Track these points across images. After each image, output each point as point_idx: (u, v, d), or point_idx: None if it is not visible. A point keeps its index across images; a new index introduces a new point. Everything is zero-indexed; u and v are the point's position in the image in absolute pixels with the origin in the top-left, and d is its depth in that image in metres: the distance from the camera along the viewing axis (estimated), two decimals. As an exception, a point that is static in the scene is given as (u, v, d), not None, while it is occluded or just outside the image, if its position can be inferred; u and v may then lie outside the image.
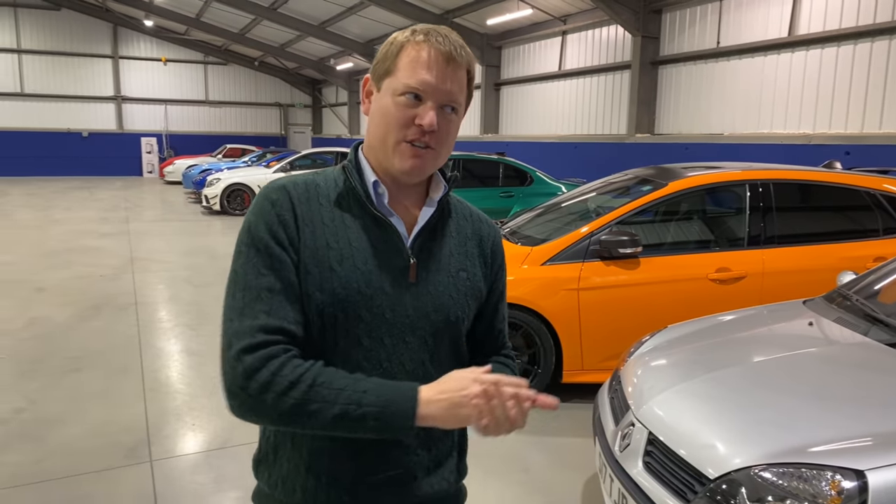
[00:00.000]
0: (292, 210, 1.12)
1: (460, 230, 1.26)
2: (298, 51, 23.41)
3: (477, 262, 1.26)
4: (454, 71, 1.14)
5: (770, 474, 1.87)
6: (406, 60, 1.13)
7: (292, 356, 1.06)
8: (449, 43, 1.13)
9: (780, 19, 9.46)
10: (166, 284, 7.44)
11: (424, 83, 1.11)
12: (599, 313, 4.00)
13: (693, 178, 4.30)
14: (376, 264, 1.14)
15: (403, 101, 1.12)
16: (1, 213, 13.53)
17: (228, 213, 13.73)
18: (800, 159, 8.30)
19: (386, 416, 1.04)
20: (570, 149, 13.38)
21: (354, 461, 1.14)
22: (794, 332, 2.85)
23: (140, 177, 25.67)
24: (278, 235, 1.10)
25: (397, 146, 1.13)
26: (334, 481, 1.15)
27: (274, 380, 1.03)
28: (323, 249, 1.11)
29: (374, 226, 1.16)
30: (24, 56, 23.95)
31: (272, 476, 1.19)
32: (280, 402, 1.03)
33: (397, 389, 1.06)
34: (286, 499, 1.17)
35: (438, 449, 1.22)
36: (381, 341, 1.13)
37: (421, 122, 1.11)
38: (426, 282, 1.17)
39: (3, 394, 4.23)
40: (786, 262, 4.12)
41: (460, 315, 1.21)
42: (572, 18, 13.41)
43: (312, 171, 1.23)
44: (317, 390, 1.03)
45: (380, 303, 1.13)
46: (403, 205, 1.20)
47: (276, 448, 1.19)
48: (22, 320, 5.88)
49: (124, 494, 3.08)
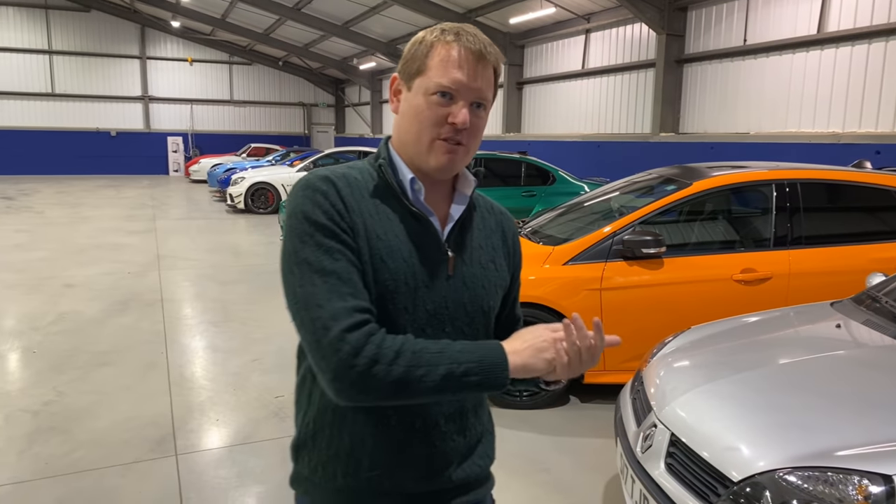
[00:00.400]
0: (341, 199, 1.14)
1: (485, 223, 1.31)
2: (322, 50, 23.57)
3: (501, 254, 1.32)
4: (484, 69, 1.17)
5: (795, 478, 1.84)
6: (437, 60, 1.15)
7: (385, 331, 1.11)
8: (479, 41, 1.16)
9: (808, 16, 9.29)
10: (191, 281, 7.54)
11: (456, 82, 1.14)
12: (622, 314, 3.97)
13: (718, 178, 4.25)
14: (418, 259, 1.18)
15: (436, 99, 1.15)
16: (33, 210, 13.84)
17: (253, 211, 13.87)
18: (829, 159, 8.15)
19: (485, 370, 1.10)
20: (593, 148, 13.29)
21: (393, 447, 1.19)
22: (822, 334, 2.80)
23: (166, 175, 26.06)
24: (338, 222, 1.12)
25: (432, 144, 1.16)
26: (374, 466, 1.19)
27: (380, 352, 1.06)
28: (374, 240, 1.14)
29: (412, 221, 1.19)
30: (54, 57, 24.46)
31: (312, 461, 1.23)
32: (389, 372, 1.06)
33: (485, 346, 1.13)
34: (326, 483, 1.21)
35: (472, 434, 1.27)
36: (422, 331, 1.18)
37: (454, 121, 1.15)
38: (462, 274, 1.22)
39: (34, 387, 4.33)
40: (813, 263, 4.05)
41: (492, 305, 1.28)
42: (596, 17, 13.32)
43: (345, 164, 1.24)
44: (420, 355, 1.08)
45: (422, 295, 1.17)
46: (434, 200, 1.24)
47: (315, 435, 1.22)
48: (52, 315, 6.01)
49: (150, 487, 3.14)
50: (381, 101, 24.73)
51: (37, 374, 4.55)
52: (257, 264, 8.65)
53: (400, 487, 1.20)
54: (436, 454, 1.22)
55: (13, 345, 5.19)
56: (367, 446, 1.18)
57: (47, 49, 24.29)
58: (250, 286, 7.35)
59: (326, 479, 1.21)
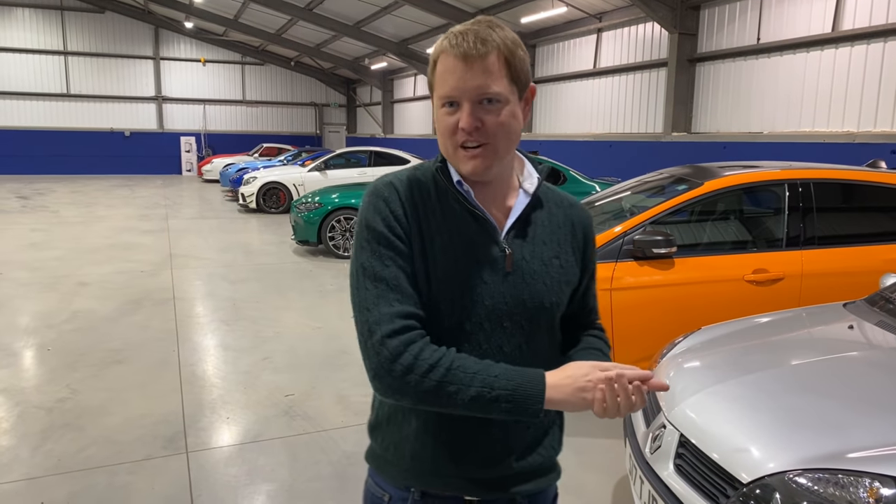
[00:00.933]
0: (402, 205, 1.21)
1: (552, 218, 1.31)
2: (333, 51, 23.65)
3: (569, 248, 1.31)
4: (479, 63, 1.15)
5: (805, 480, 1.83)
6: (439, 72, 1.18)
7: (428, 341, 1.16)
8: (466, 41, 1.15)
9: (823, 15, 9.21)
10: (203, 281, 7.60)
11: (451, 90, 1.16)
12: (632, 314, 3.96)
13: (730, 178, 4.22)
14: (476, 256, 1.21)
15: (445, 110, 1.18)
16: (48, 210, 13.98)
17: (264, 210, 13.94)
18: (843, 158, 8.07)
19: (517, 399, 1.12)
20: (604, 148, 13.24)
21: (461, 434, 1.23)
22: (834, 335, 2.78)
23: (179, 175, 26.25)
24: (395, 229, 1.19)
25: (455, 153, 1.20)
26: (441, 451, 1.24)
27: (416, 363, 1.12)
28: (430, 241, 1.20)
29: (471, 219, 1.23)
30: (70, 58, 24.71)
31: (385, 441, 1.29)
32: (422, 383, 1.12)
33: (525, 375, 1.14)
34: (396, 462, 1.28)
35: (538, 425, 1.29)
36: (480, 326, 1.21)
37: (463, 126, 1.16)
38: (521, 271, 1.24)
39: (48, 384, 4.38)
40: (826, 263, 4.01)
41: (554, 301, 1.27)
42: (608, 16, 13.26)
43: (412, 166, 1.30)
44: (454, 373, 1.12)
45: (480, 291, 1.20)
46: (495, 198, 1.27)
47: (389, 417, 1.29)
48: (66, 313, 6.07)
49: (161, 484, 3.16)
50: (392, 101, 24.77)
51: (51, 372, 4.60)
52: (269, 263, 8.70)
53: (463, 472, 1.25)
54: (499, 443, 1.25)
55: (28, 342, 5.25)
56: (433, 432, 1.23)
57: (62, 50, 24.55)
58: (261, 285, 7.39)
59: (397, 458, 1.27)
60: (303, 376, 4.60)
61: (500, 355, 1.22)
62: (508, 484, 1.28)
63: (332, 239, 9.21)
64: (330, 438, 3.66)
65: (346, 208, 9.20)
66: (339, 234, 9.22)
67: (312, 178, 13.56)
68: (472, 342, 1.21)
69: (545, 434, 1.32)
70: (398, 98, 24.31)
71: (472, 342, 1.21)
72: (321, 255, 9.36)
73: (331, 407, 4.05)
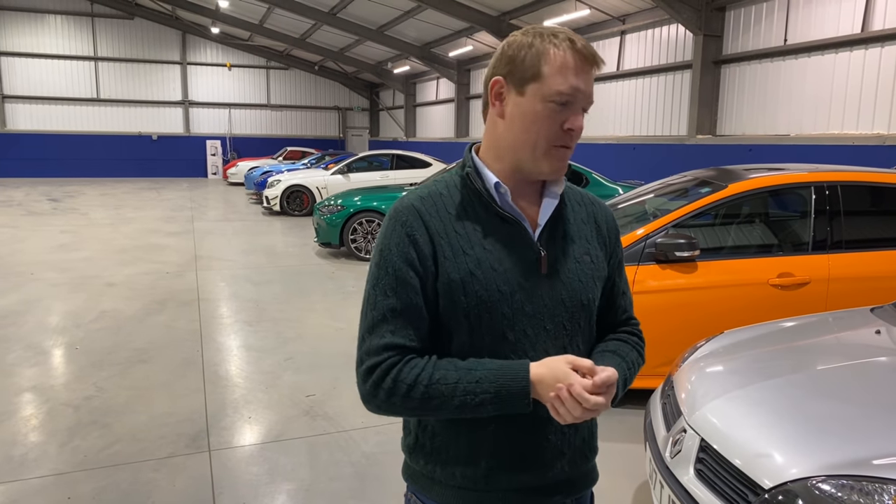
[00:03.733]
0: (424, 227, 1.19)
1: (576, 216, 1.31)
2: (356, 55, 23.81)
3: (596, 244, 1.31)
4: (593, 71, 1.19)
5: (829, 486, 1.80)
6: (556, 66, 1.15)
7: (409, 359, 1.16)
8: (589, 47, 1.17)
9: (852, 15, 9.04)
10: (227, 282, 7.69)
11: (574, 88, 1.15)
12: (654, 318, 3.92)
13: (754, 180, 4.16)
14: (510, 262, 1.20)
15: (554, 106, 1.16)
16: (77, 212, 14.28)
17: (288, 213, 14.08)
18: (872, 161, 7.90)
19: (502, 400, 1.13)
20: (628, 150, 13.14)
21: (516, 446, 1.22)
22: (860, 340, 2.72)
23: (205, 178, 26.63)
24: (409, 256, 1.18)
25: (548, 150, 1.19)
26: (494, 465, 1.22)
27: (395, 386, 1.14)
28: (461, 257, 1.18)
29: (501, 225, 1.22)
30: (100, 63, 25.25)
31: (429, 462, 1.27)
32: (406, 403, 1.15)
33: (508, 371, 1.14)
34: (445, 481, 1.26)
35: (579, 432, 1.29)
36: (524, 333, 1.20)
37: (572, 127, 1.17)
38: (557, 270, 1.23)
39: (76, 382, 4.47)
40: (853, 267, 3.93)
41: (591, 297, 1.27)
42: (631, 18, 13.17)
43: (431, 179, 1.30)
44: (434, 387, 1.13)
45: (519, 297, 1.19)
46: (524, 201, 1.26)
47: (433, 437, 1.26)
48: (94, 313, 6.20)
49: (184, 481, 3.21)
50: (414, 104, 24.85)
51: (79, 370, 4.70)
52: (292, 265, 8.78)
53: (517, 484, 1.24)
54: (554, 448, 1.25)
55: (57, 341, 5.37)
56: (485, 449, 1.22)
57: (93, 56, 25.09)
58: (284, 287, 7.46)
59: (447, 478, 1.25)
60: (324, 377, 4.63)
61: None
62: (559, 490, 1.28)
63: (354, 241, 9.26)
64: (350, 439, 3.68)
65: (369, 211, 9.25)
66: (361, 236, 9.27)
67: (335, 182, 13.66)
68: (518, 351, 1.20)
69: (591, 436, 1.33)
70: (420, 101, 24.38)
71: (518, 351, 1.20)
72: (343, 258, 9.42)
73: (352, 407, 4.07)
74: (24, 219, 12.93)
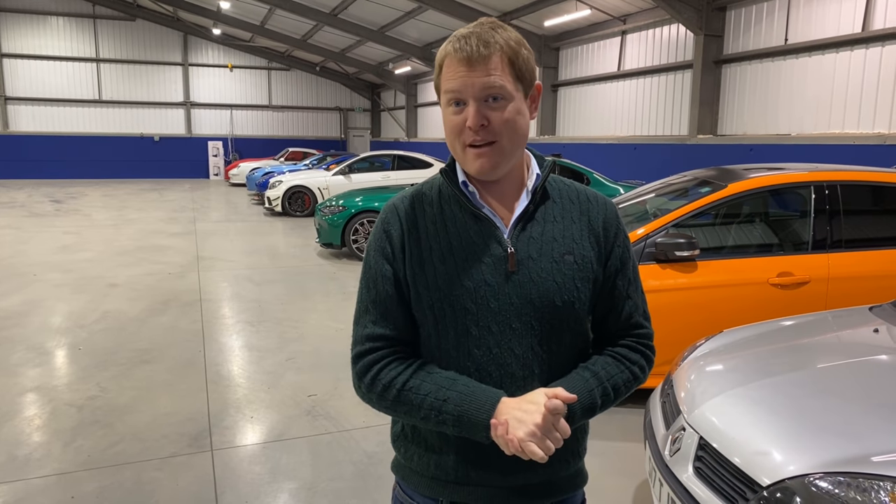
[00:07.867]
0: (399, 223, 1.26)
1: (565, 214, 1.28)
2: (358, 55, 23.84)
3: (587, 244, 1.26)
4: (483, 64, 1.15)
5: (826, 483, 1.81)
6: (445, 73, 1.19)
7: (392, 360, 1.22)
8: (469, 45, 1.15)
9: (853, 14, 9.04)
10: (229, 282, 7.72)
11: (456, 89, 1.17)
12: (654, 317, 3.91)
13: (754, 180, 4.17)
14: (478, 258, 1.21)
15: (452, 109, 1.19)
16: (80, 213, 14.32)
17: (290, 214, 14.10)
18: (873, 160, 7.90)
19: (462, 426, 1.16)
20: (629, 150, 13.14)
21: (483, 444, 1.21)
22: (859, 338, 2.74)
23: (206, 179, 26.67)
24: (385, 250, 1.25)
25: (464, 152, 1.21)
26: (463, 460, 1.25)
27: (374, 383, 1.21)
28: (427, 251, 1.23)
29: (473, 221, 1.24)
30: (102, 65, 25.30)
31: (409, 451, 1.31)
32: (380, 400, 1.22)
33: (476, 401, 1.15)
34: (422, 471, 1.30)
35: None
36: (488, 329, 1.20)
37: (468, 124, 1.17)
38: (528, 269, 1.21)
39: (79, 382, 4.49)
40: (853, 267, 3.94)
41: (568, 299, 1.22)
42: (632, 18, 13.18)
43: (423, 181, 1.35)
44: (405, 395, 1.19)
45: (483, 293, 1.20)
46: (503, 198, 1.26)
47: (413, 428, 1.31)
48: (97, 314, 6.22)
49: (187, 481, 3.23)
50: (415, 105, 24.87)
51: (82, 370, 4.72)
52: (293, 266, 8.80)
53: (487, 481, 1.25)
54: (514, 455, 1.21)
55: (60, 342, 5.39)
56: (454, 441, 1.24)
57: (95, 57, 25.14)
58: (286, 287, 7.48)
59: (422, 468, 1.29)
60: (326, 376, 4.65)
61: (511, 357, 1.21)
62: (534, 492, 1.27)
63: (355, 242, 9.29)
64: (352, 438, 3.70)
65: (370, 212, 9.27)
66: (362, 236, 9.29)
67: (337, 182, 13.69)
68: (482, 346, 1.20)
69: (577, 441, 1.29)
70: (422, 102, 24.41)
71: (482, 346, 1.20)
72: (345, 258, 9.44)
73: (353, 407, 4.09)
74: (26, 220, 12.97)
